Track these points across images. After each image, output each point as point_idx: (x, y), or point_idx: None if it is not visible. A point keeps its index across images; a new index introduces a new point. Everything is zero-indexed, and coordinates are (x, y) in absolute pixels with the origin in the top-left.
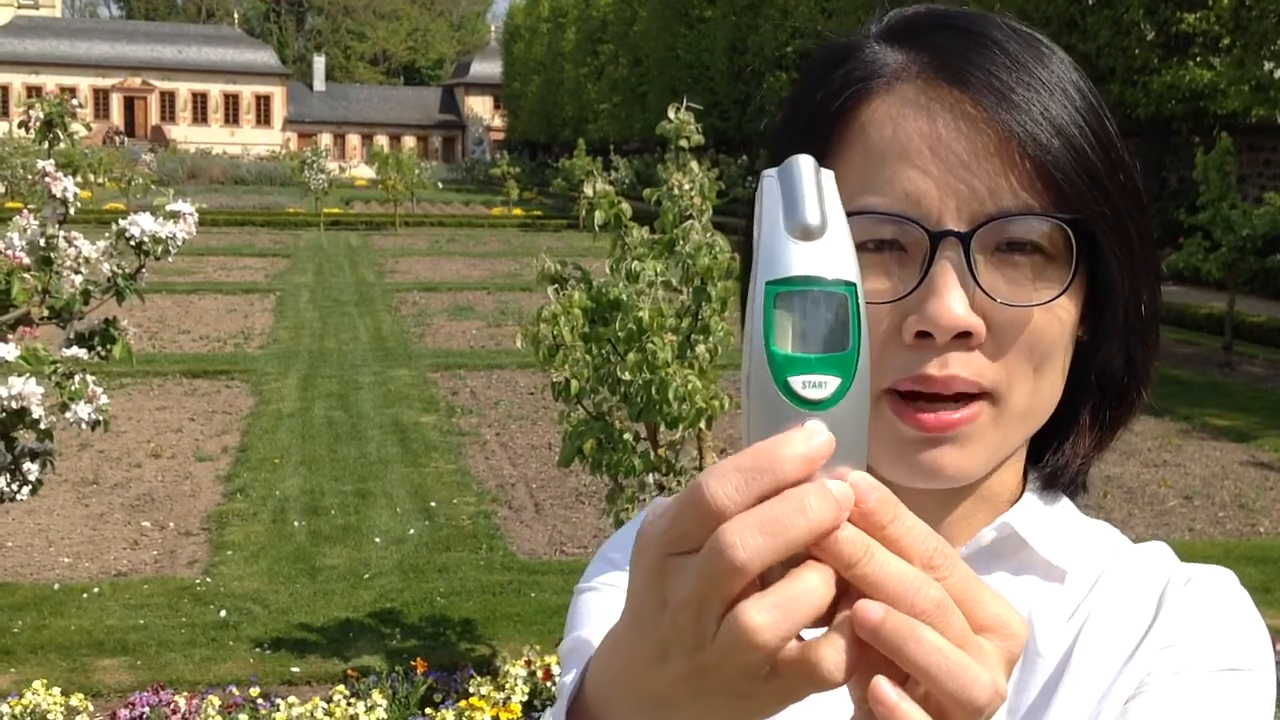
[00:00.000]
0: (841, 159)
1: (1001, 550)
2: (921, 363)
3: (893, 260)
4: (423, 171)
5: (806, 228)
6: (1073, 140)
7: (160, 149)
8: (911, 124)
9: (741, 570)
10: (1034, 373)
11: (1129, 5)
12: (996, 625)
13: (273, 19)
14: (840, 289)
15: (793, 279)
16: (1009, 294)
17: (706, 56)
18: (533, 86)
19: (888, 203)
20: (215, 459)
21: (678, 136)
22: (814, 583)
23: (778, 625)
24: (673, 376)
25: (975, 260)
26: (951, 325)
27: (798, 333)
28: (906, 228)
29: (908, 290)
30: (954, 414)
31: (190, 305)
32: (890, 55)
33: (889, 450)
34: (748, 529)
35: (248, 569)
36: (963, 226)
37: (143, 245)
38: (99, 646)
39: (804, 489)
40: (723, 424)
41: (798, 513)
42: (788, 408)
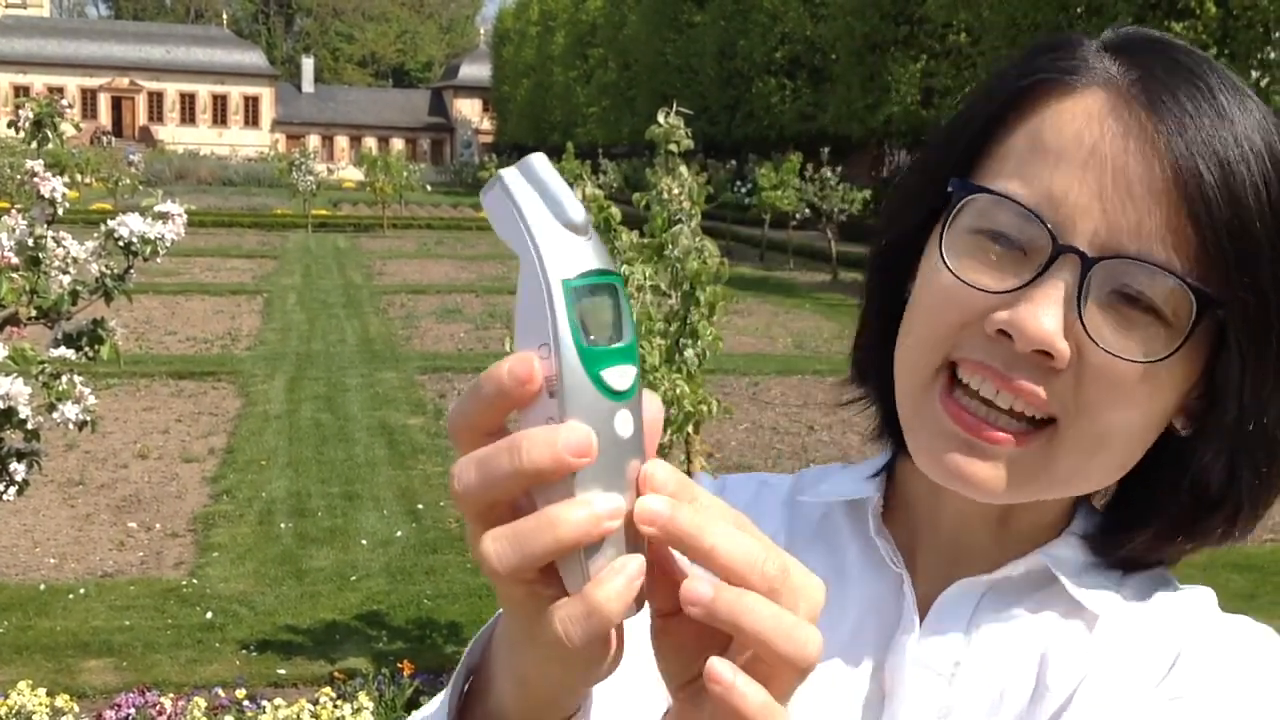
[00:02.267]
0: (1008, 139)
1: (1030, 584)
2: (994, 357)
3: (1007, 257)
4: (411, 174)
5: (574, 224)
6: (1243, 210)
7: (147, 149)
8: (1090, 132)
9: (460, 498)
10: (1101, 432)
11: (1117, 14)
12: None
13: (261, 20)
14: (613, 280)
15: (585, 273)
16: (1109, 340)
17: (696, 61)
18: (522, 89)
19: (1029, 195)
20: (202, 460)
21: (667, 141)
22: (557, 518)
23: (504, 553)
24: (661, 380)
25: (1089, 290)
26: (1035, 335)
27: (599, 326)
28: (1034, 228)
29: (1009, 288)
30: (993, 429)
31: (177, 306)
32: (1102, 62)
33: (928, 433)
34: (467, 463)
35: (234, 571)
36: (1092, 251)
37: (131, 246)
38: (84, 647)
39: (526, 432)
40: (710, 428)
41: (506, 451)
42: (604, 401)
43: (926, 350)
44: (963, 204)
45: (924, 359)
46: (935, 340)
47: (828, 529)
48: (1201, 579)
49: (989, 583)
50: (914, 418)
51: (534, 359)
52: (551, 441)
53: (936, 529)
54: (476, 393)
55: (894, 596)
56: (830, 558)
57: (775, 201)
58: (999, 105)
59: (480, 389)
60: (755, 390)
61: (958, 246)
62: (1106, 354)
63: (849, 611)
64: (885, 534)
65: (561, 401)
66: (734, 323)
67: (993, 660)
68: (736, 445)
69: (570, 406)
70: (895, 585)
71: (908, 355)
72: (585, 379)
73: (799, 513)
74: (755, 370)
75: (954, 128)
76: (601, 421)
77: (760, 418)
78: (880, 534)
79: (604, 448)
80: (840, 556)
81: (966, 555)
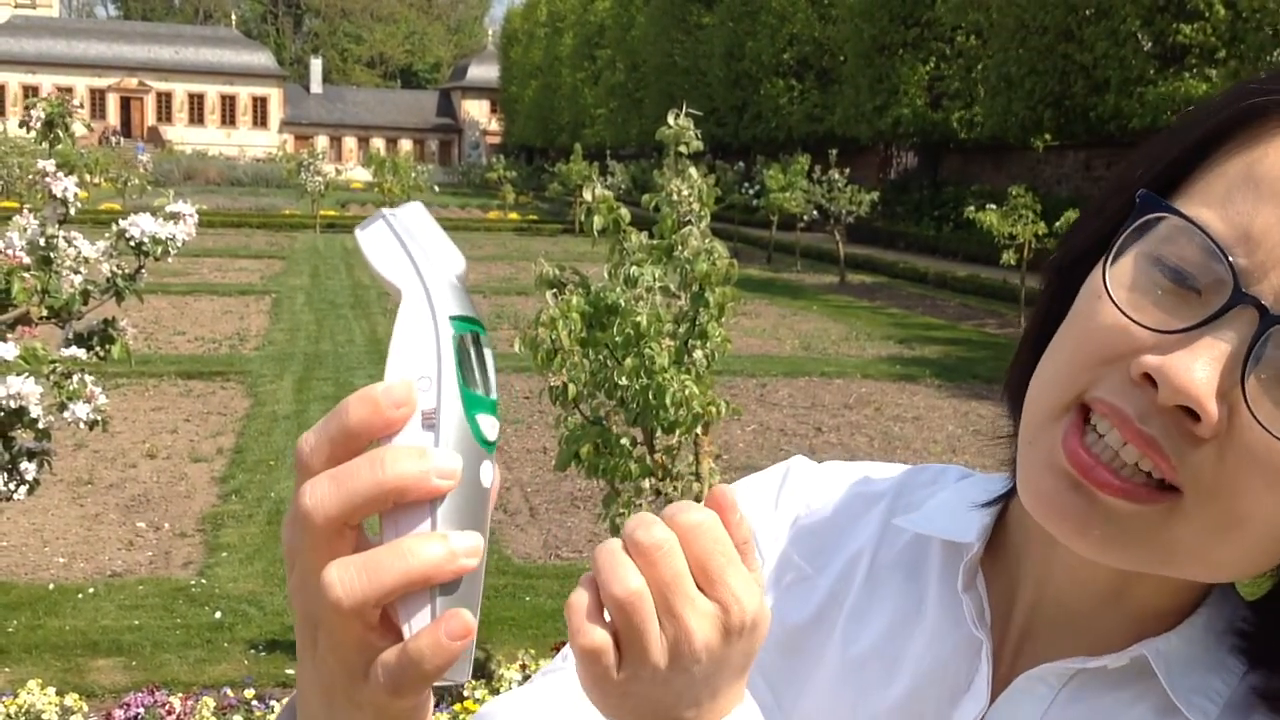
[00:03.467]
0: (1225, 160)
1: (1124, 677)
2: (1129, 402)
3: (1179, 294)
4: (419, 174)
5: (458, 272)
6: None
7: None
8: None
9: (307, 518)
10: (1238, 516)
11: (1126, 16)
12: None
13: (270, 21)
14: (485, 333)
15: (468, 318)
16: (1270, 414)
17: (704, 63)
18: (530, 91)
19: (1222, 229)
20: (210, 460)
21: (676, 142)
22: (411, 548)
23: (351, 582)
24: (670, 381)
25: (1262, 353)
26: (1181, 388)
27: (480, 373)
28: (1218, 267)
29: (1169, 329)
30: (1112, 477)
31: (186, 306)
32: None
33: (1036, 466)
34: (320, 479)
35: (243, 570)
36: (1277, 308)
37: (142, 246)
38: (94, 647)
39: (392, 445)
40: (719, 429)
41: (368, 464)
42: (476, 447)
43: (1062, 380)
44: (1144, 222)
45: (1057, 389)
46: (1073, 371)
47: (916, 556)
48: None
49: (1079, 670)
50: (1028, 446)
51: (414, 386)
52: (422, 456)
53: (1041, 589)
54: (340, 414)
55: (968, 660)
56: (910, 590)
57: (783, 203)
58: (1224, 121)
59: (346, 410)
60: (763, 391)
61: (1125, 271)
62: (1264, 431)
63: (912, 662)
64: (976, 590)
65: (438, 434)
66: (742, 324)
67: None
68: (744, 446)
69: (444, 441)
70: (974, 648)
71: (1042, 381)
72: (463, 419)
73: (893, 530)
74: (763, 372)
75: (1167, 137)
76: (470, 465)
77: (768, 419)
78: (969, 590)
79: (469, 491)
80: (921, 593)
81: (1069, 629)
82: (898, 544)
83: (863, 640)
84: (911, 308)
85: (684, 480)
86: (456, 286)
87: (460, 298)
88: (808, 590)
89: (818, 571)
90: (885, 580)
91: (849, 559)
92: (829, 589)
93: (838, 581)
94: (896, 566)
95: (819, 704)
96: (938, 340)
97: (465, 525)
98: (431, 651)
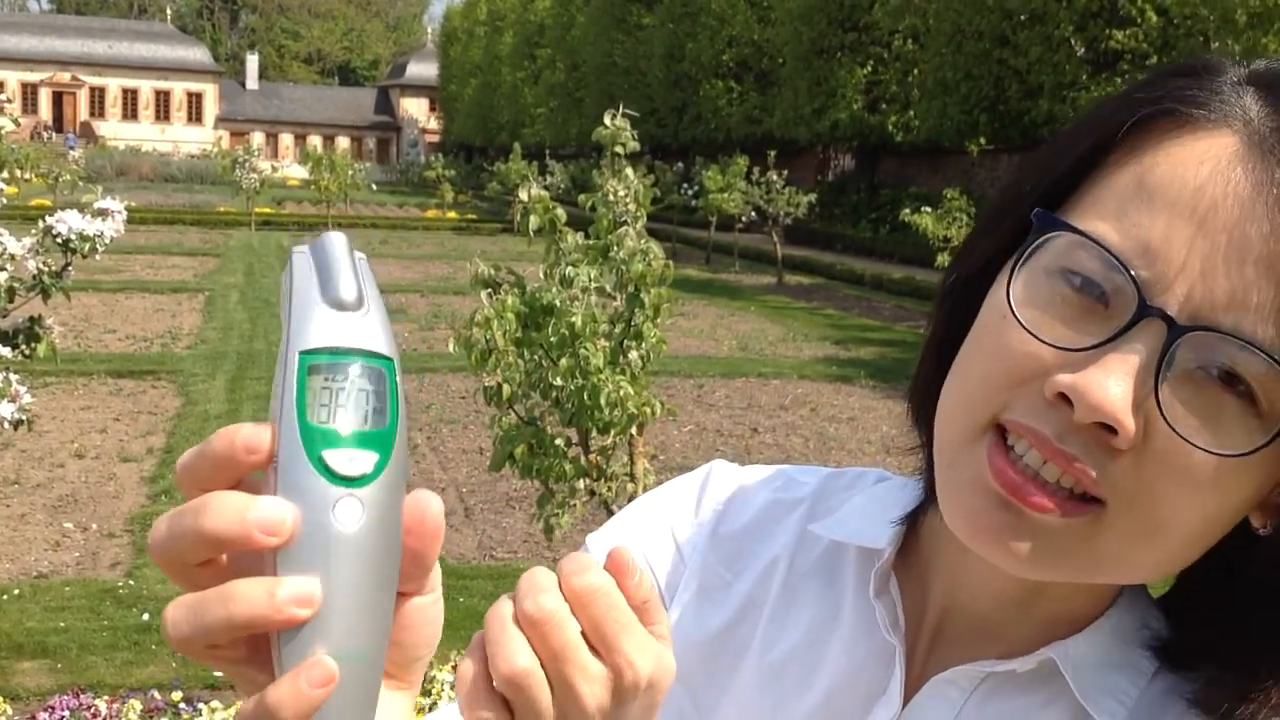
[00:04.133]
0: (1113, 172)
1: (1034, 680)
2: (1047, 423)
3: (1085, 307)
4: (356, 173)
5: (341, 301)
6: None
7: (88, 145)
8: (1213, 180)
9: (150, 552)
10: (1158, 522)
11: (1060, 22)
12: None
13: (206, 16)
14: (377, 363)
15: (327, 349)
16: (1184, 422)
17: (644, 63)
18: (469, 89)
19: (1120, 243)
20: (140, 460)
21: (613, 143)
22: (234, 593)
23: (178, 621)
24: (605, 382)
25: (1172, 362)
26: (1096, 406)
27: (333, 407)
28: (1120, 281)
29: (1078, 346)
30: (1038, 493)
31: (117, 304)
32: (1243, 100)
33: (961, 488)
34: (161, 518)
35: None
36: (1182, 319)
37: (70, 243)
38: (18, 649)
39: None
40: (654, 430)
41: (192, 511)
42: (323, 484)
43: (974, 404)
44: (1043, 241)
45: (970, 414)
46: (986, 395)
47: (833, 563)
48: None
49: (989, 674)
50: (949, 469)
51: (269, 430)
52: (241, 509)
53: (953, 597)
54: (207, 448)
55: (882, 665)
56: (827, 597)
57: (721, 204)
58: (1110, 131)
59: (211, 445)
60: (700, 392)
61: (1028, 289)
62: (1178, 438)
63: (829, 668)
64: (889, 596)
65: (273, 476)
66: (679, 325)
67: None
68: (680, 447)
69: (282, 483)
70: (888, 654)
71: (953, 404)
72: (302, 457)
73: (810, 536)
74: (700, 372)
75: (1054, 149)
76: (318, 507)
77: (704, 420)
78: (882, 597)
79: (312, 533)
80: (837, 599)
81: (980, 634)
82: (815, 550)
83: (781, 646)
84: (848, 309)
85: (618, 481)
86: (336, 316)
87: (335, 329)
88: (726, 596)
89: (736, 577)
90: (803, 586)
91: (767, 565)
92: (747, 594)
93: (756, 587)
94: (814, 572)
95: (738, 709)
96: (873, 341)
97: (309, 570)
98: (290, 699)
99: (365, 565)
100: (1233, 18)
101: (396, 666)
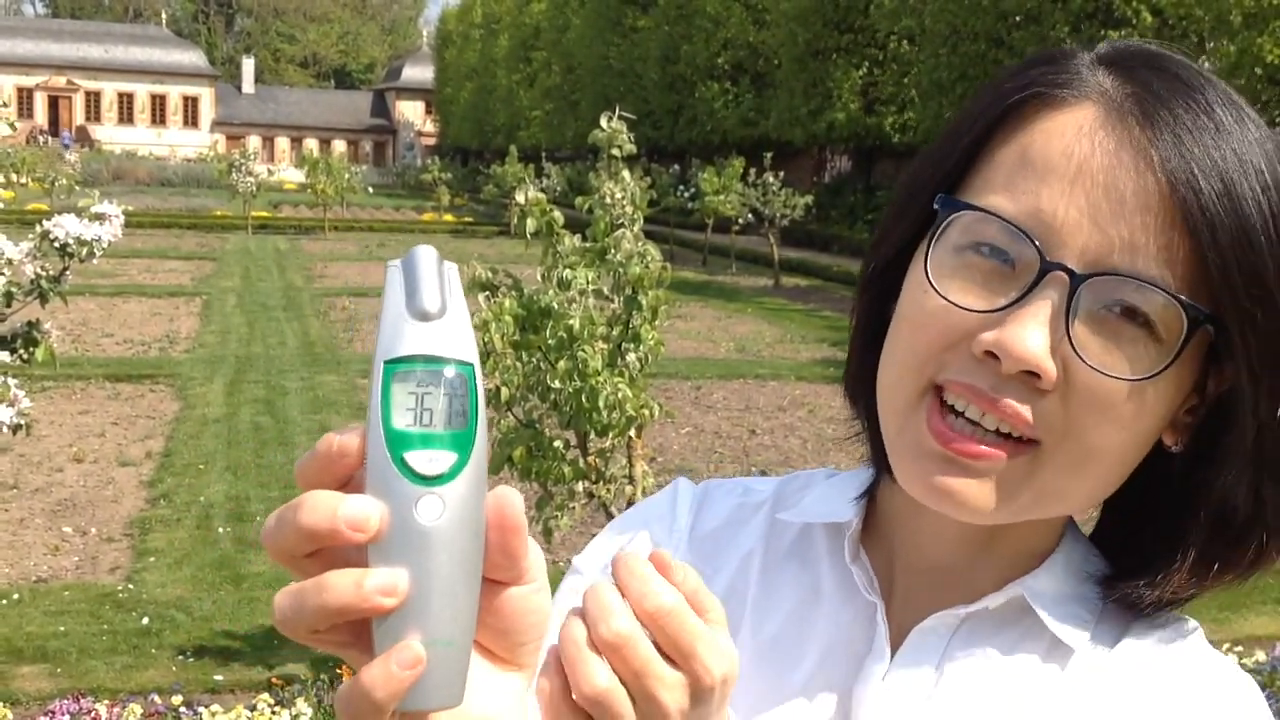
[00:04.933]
0: (998, 153)
1: (1008, 615)
2: (980, 378)
3: (995, 273)
4: (353, 176)
5: (424, 311)
6: (1246, 226)
7: (85, 149)
8: (1080, 146)
9: (264, 543)
10: (1087, 449)
11: (1055, 23)
12: (688, 666)
13: (201, 20)
14: (457, 368)
15: (411, 358)
16: (1097, 357)
17: (639, 65)
18: (465, 92)
19: (1015, 211)
20: (138, 464)
21: (610, 145)
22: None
23: (283, 607)
24: (603, 385)
25: (1078, 307)
26: (1021, 357)
27: (417, 410)
28: (1021, 244)
29: (995, 307)
30: (978, 444)
31: (114, 308)
32: (1096, 75)
33: (911, 452)
34: (272, 515)
35: (171, 576)
36: (1080, 268)
37: (67, 247)
38: (18, 654)
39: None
40: (652, 432)
41: (292, 508)
42: (405, 483)
43: (910, 372)
44: (949, 221)
45: (908, 381)
46: (919, 362)
47: (804, 546)
48: None
49: (966, 615)
50: (898, 438)
51: (359, 435)
52: (333, 507)
53: (916, 555)
54: (314, 451)
55: (866, 624)
56: (804, 576)
57: (718, 206)
58: (990, 119)
59: (316, 449)
60: (697, 394)
61: (943, 265)
62: (1095, 372)
63: (818, 637)
64: (862, 561)
65: (363, 476)
66: (676, 327)
67: (963, 696)
68: (678, 449)
69: (370, 483)
70: (869, 613)
71: (891, 377)
72: (387, 458)
73: (778, 527)
74: (697, 374)
75: (943, 142)
76: (401, 504)
77: (702, 421)
78: (856, 562)
79: (398, 528)
80: (815, 576)
81: (947, 583)
82: (785, 538)
83: (769, 626)
84: (845, 310)
85: (617, 483)
86: (418, 326)
87: (417, 337)
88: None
89: (716, 572)
90: (780, 571)
91: (743, 558)
92: (729, 585)
93: (736, 578)
94: (789, 557)
95: (739, 689)
96: None
97: (395, 562)
98: (381, 681)
99: (448, 557)
100: (1227, 18)
101: (506, 651)
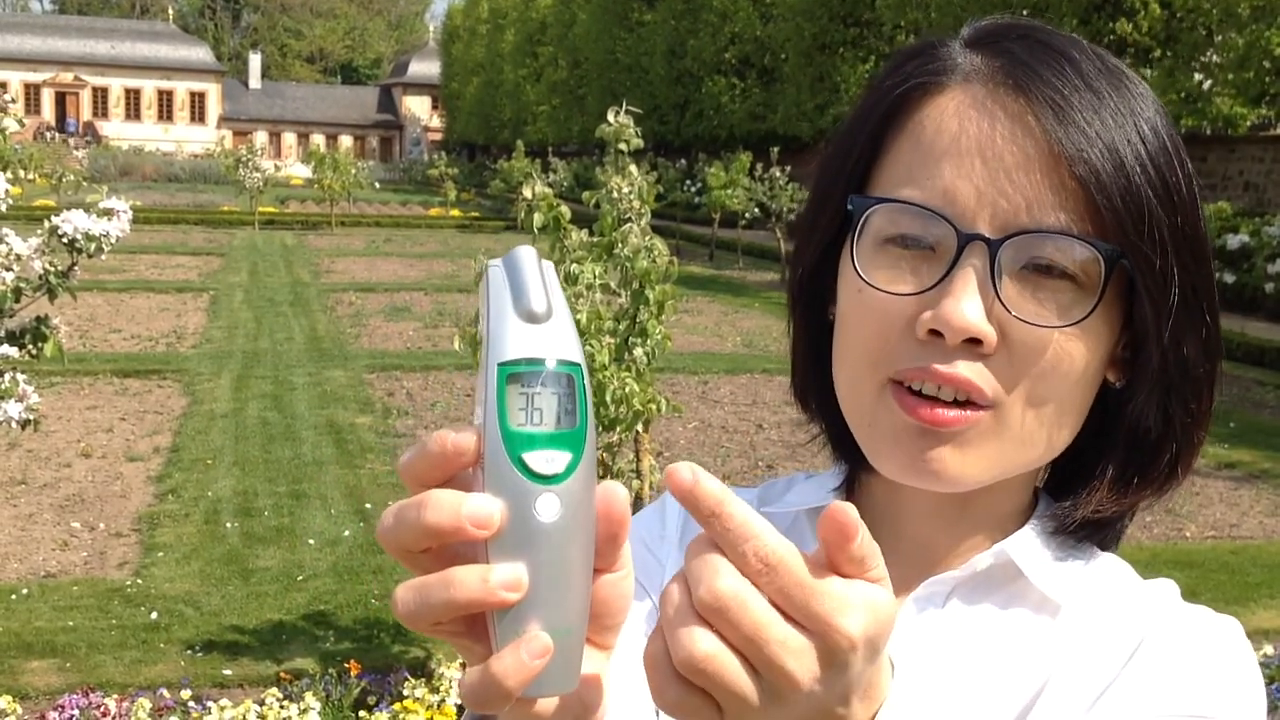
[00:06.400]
0: (893, 148)
1: (996, 577)
2: (929, 358)
3: (919, 257)
4: (359, 171)
5: (533, 313)
6: (1130, 172)
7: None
8: (966, 125)
9: (379, 538)
10: (1040, 398)
11: (1063, 15)
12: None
13: (208, 15)
14: (566, 369)
15: (522, 360)
16: (1029, 312)
17: (646, 60)
18: (471, 87)
19: (924, 197)
20: (146, 459)
21: (617, 140)
22: (453, 578)
23: (406, 600)
24: (610, 379)
25: (1001, 270)
26: (962, 327)
27: (529, 410)
28: (936, 225)
29: (926, 287)
30: (949, 411)
31: (122, 304)
32: (967, 57)
33: (887, 439)
34: (390, 511)
35: (179, 570)
36: (995, 234)
37: (75, 243)
38: (27, 648)
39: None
40: (660, 426)
41: (415, 506)
42: (524, 482)
43: (866, 369)
44: (865, 218)
45: (865, 378)
46: (872, 358)
47: (796, 537)
48: (1143, 575)
49: (955, 580)
50: (871, 431)
51: (475, 435)
52: (457, 505)
53: (898, 533)
54: (424, 448)
55: None
56: None
57: (725, 201)
58: (879, 118)
59: (427, 447)
60: (704, 389)
61: (870, 260)
62: (1031, 326)
63: None
64: None
65: (482, 476)
66: (683, 321)
67: (961, 658)
68: (685, 444)
69: (489, 482)
70: None
71: (848, 377)
72: (505, 459)
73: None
74: (704, 369)
75: (841, 147)
76: (520, 502)
77: (709, 416)
78: None
79: (517, 526)
80: None
81: (930, 555)
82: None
83: None
84: None
85: (625, 478)
86: (527, 327)
87: (527, 338)
88: None
89: None
90: None
91: None
92: None
93: None
94: None
95: None
96: None
97: (518, 557)
98: (513, 669)
99: (565, 551)
100: (1235, 10)
101: (595, 633)
